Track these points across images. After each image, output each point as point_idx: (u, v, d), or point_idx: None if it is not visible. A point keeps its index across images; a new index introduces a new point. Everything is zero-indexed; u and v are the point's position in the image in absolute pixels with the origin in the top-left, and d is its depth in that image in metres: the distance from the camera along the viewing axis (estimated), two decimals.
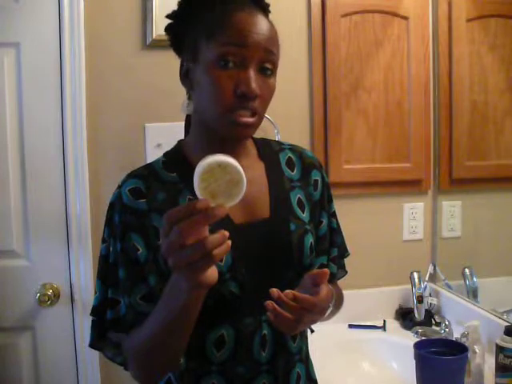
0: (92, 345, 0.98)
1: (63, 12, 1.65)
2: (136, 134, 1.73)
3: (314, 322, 0.89)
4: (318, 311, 0.84)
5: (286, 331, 0.86)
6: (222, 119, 0.90)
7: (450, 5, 1.86)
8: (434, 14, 1.91)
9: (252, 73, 0.88)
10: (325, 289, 0.86)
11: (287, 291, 0.80)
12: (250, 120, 0.89)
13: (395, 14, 1.86)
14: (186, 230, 0.67)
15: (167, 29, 1.00)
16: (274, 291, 0.79)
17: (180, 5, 0.98)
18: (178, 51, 1.01)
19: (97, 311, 0.97)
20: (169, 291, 0.80)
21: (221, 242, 0.68)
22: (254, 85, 0.87)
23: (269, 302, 0.79)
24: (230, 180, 0.70)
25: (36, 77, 1.66)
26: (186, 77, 0.97)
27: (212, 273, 0.73)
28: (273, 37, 0.92)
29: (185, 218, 0.68)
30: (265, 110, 0.93)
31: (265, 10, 0.96)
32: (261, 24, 0.90)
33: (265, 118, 1.72)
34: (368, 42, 1.85)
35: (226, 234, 0.69)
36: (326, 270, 0.84)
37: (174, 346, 0.87)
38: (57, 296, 1.70)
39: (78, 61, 1.66)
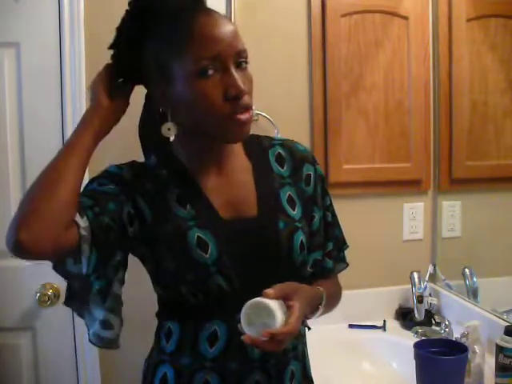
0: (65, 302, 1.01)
1: (63, 12, 1.65)
2: (136, 134, 1.72)
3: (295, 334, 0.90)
4: (295, 333, 0.86)
5: (272, 352, 0.89)
6: (223, 126, 0.92)
7: (449, 5, 1.86)
8: (434, 14, 1.90)
9: (235, 73, 0.90)
10: (297, 308, 0.86)
11: (263, 333, 0.80)
12: (248, 116, 0.92)
13: (395, 14, 1.86)
14: None
15: (116, 58, 1.00)
16: (246, 339, 0.82)
17: (123, 29, 0.98)
18: (135, 79, 1.00)
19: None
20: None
21: None
22: (241, 84, 0.89)
23: (245, 338, 0.82)
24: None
25: (36, 77, 1.66)
26: (164, 98, 0.95)
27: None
28: (236, 33, 0.93)
29: None
30: (252, 102, 0.95)
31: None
32: (223, 24, 0.91)
33: (265, 118, 1.74)
34: (368, 41, 1.85)
35: None
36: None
37: (62, 174, 0.89)
38: (57, 296, 1.70)
39: (78, 61, 1.66)
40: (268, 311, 0.82)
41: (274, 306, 0.83)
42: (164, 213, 0.96)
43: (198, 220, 0.95)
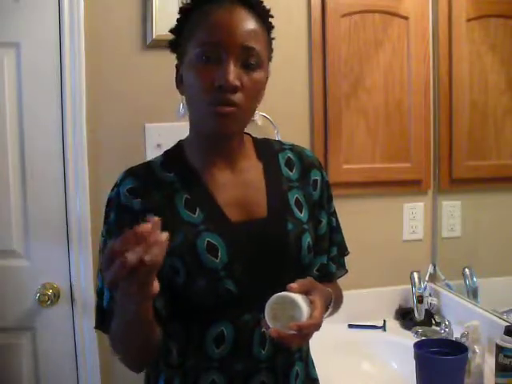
0: (96, 327, 1.01)
1: (63, 12, 1.65)
2: (136, 134, 1.73)
3: None
4: (320, 326, 0.86)
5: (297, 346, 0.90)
6: (204, 113, 0.92)
7: (449, 5, 1.86)
8: (434, 14, 1.91)
9: (231, 66, 0.89)
10: (320, 303, 0.87)
11: (291, 325, 0.80)
12: (229, 109, 0.89)
13: (395, 14, 1.86)
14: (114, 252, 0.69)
15: (171, 45, 1.02)
16: (273, 333, 0.81)
17: (177, 20, 1.00)
18: None
19: (97, 295, 0.99)
20: (118, 298, 0.81)
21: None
22: (231, 77, 0.88)
23: (272, 331, 0.81)
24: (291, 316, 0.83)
25: (36, 77, 1.66)
26: (180, 82, 0.99)
27: (151, 285, 0.75)
28: (252, 31, 0.92)
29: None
30: (249, 103, 0.93)
31: (252, 5, 0.95)
32: (238, 20, 0.91)
33: (265, 118, 1.74)
34: (368, 41, 1.85)
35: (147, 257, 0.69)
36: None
37: (138, 341, 0.91)
38: (57, 296, 1.70)
39: (78, 61, 1.66)
40: (294, 305, 0.82)
41: (300, 299, 0.83)
42: (174, 223, 0.93)
43: (207, 224, 0.94)
